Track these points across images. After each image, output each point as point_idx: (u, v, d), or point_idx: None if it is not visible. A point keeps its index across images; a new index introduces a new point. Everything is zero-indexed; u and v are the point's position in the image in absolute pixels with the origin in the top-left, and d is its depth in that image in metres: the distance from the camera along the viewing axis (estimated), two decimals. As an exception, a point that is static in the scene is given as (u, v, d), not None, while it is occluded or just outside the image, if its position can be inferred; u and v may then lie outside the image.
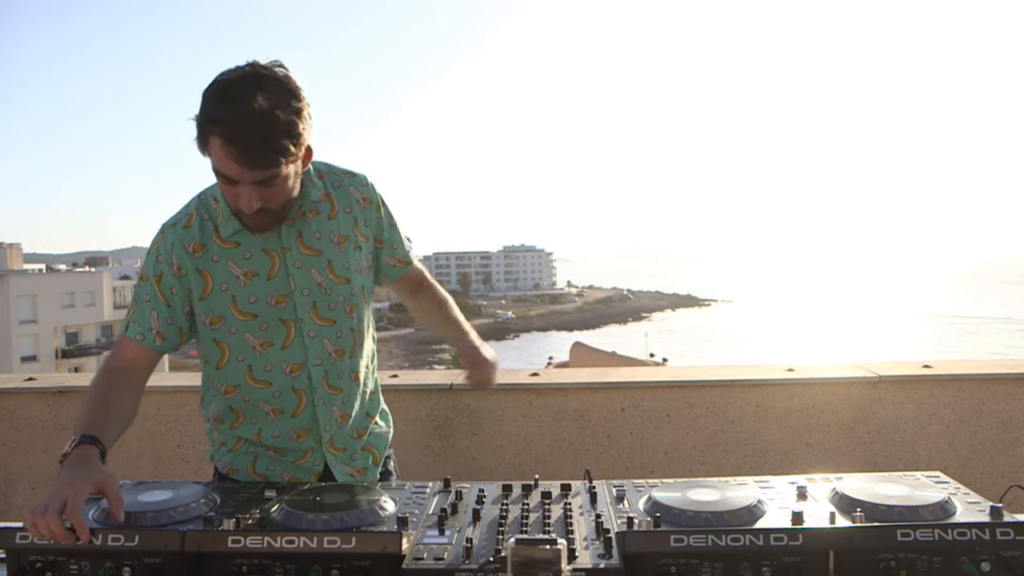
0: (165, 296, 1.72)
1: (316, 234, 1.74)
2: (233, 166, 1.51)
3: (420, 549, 1.26)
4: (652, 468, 3.18)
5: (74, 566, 1.24)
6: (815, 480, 1.52)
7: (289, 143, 1.53)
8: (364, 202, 1.82)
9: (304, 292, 1.74)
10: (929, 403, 3.20)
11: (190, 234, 1.72)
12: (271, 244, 1.72)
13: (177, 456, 3.26)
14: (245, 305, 1.72)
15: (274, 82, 1.53)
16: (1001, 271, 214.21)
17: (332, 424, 1.81)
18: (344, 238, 1.78)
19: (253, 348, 1.75)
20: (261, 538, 1.21)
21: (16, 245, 49.80)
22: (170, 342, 1.73)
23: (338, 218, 1.78)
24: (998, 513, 1.28)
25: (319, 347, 1.77)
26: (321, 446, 1.82)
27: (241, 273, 1.71)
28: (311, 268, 1.73)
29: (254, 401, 1.78)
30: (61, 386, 3.30)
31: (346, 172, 1.83)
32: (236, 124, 1.48)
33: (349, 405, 1.84)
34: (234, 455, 1.86)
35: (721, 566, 1.18)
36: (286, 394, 1.78)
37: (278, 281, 1.72)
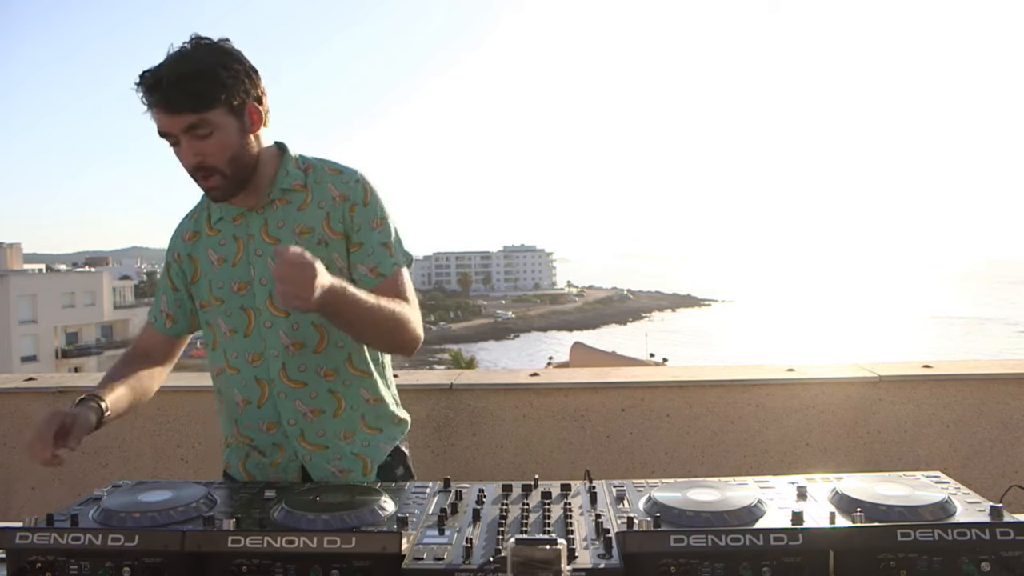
0: (173, 281, 1.85)
1: (280, 223, 1.74)
2: (158, 116, 1.57)
3: (420, 549, 1.26)
4: (652, 468, 3.18)
5: (74, 566, 1.24)
6: (815, 480, 1.52)
7: (207, 86, 1.56)
8: (339, 199, 1.74)
9: (262, 281, 1.73)
10: (929, 403, 3.20)
11: (189, 223, 1.84)
12: (240, 231, 1.76)
13: (177, 456, 3.26)
14: (216, 290, 1.78)
15: (206, 44, 1.60)
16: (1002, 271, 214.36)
17: (299, 418, 1.77)
18: (308, 230, 1.73)
19: (224, 334, 1.79)
20: (261, 538, 1.21)
21: (16, 245, 49.80)
22: (181, 325, 1.86)
23: (307, 210, 1.74)
24: (998, 513, 1.28)
25: (275, 338, 1.75)
26: (291, 440, 1.78)
27: (216, 259, 1.77)
28: (268, 258, 1.72)
29: (230, 388, 1.81)
30: (61, 386, 3.30)
31: (335, 168, 1.79)
32: (155, 71, 1.55)
33: (320, 401, 1.77)
34: (230, 450, 1.89)
35: (721, 566, 1.18)
36: (251, 384, 1.78)
37: (240, 268, 1.75)
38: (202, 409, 3.25)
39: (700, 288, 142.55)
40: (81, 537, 1.24)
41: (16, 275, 41.99)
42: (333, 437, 1.79)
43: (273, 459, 1.81)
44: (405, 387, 3.22)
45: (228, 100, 1.59)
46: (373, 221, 1.75)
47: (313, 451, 1.79)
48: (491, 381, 3.45)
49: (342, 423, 1.80)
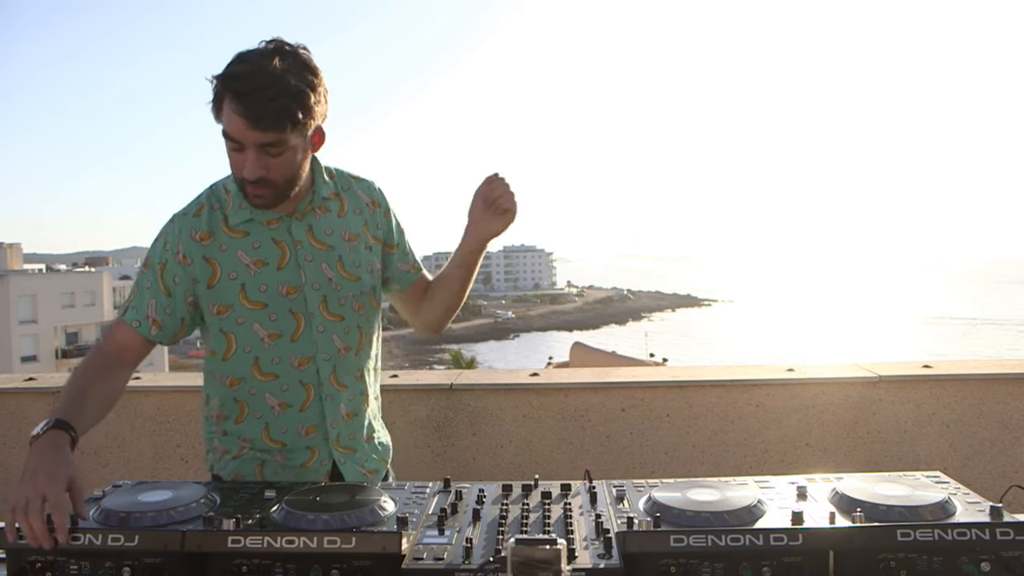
0: (166, 285, 1.71)
1: (327, 230, 1.76)
2: (240, 124, 1.54)
3: (420, 549, 1.26)
4: (652, 468, 3.18)
5: (74, 566, 1.24)
6: (815, 480, 1.52)
7: (298, 109, 1.55)
8: (373, 205, 1.84)
9: (315, 286, 1.74)
10: (929, 403, 3.20)
11: (198, 222, 1.72)
12: (281, 235, 1.73)
13: (177, 456, 3.26)
14: (255, 294, 1.71)
15: (293, 55, 1.59)
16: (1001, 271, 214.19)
17: (339, 421, 1.80)
18: (355, 236, 1.79)
19: (261, 339, 1.73)
20: (261, 538, 1.21)
21: (16, 245, 49.80)
22: (167, 332, 1.73)
23: (348, 217, 1.79)
24: (998, 513, 1.28)
25: (328, 342, 1.76)
26: (328, 443, 1.80)
27: (251, 261, 1.71)
28: (322, 262, 1.74)
29: (260, 394, 1.76)
30: (61, 386, 3.29)
31: (354, 176, 1.86)
32: (247, 80, 1.53)
33: (355, 404, 1.83)
34: (240, 461, 1.80)
35: (721, 566, 1.18)
36: (294, 388, 1.76)
37: (288, 272, 1.72)
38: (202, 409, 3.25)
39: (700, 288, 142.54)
40: (81, 537, 1.24)
41: (16, 275, 41.98)
42: (360, 440, 1.85)
43: (303, 461, 1.79)
44: (405, 387, 3.23)
45: (307, 124, 1.59)
46: (400, 225, 1.91)
47: (346, 454, 1.82)
48: (491, 381, 3.45)
49: (366, 425, 1.87)
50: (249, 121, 1.53)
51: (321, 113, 1.63)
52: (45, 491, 1.29)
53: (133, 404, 3.24)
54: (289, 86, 1.54)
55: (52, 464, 1.39)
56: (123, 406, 3.24)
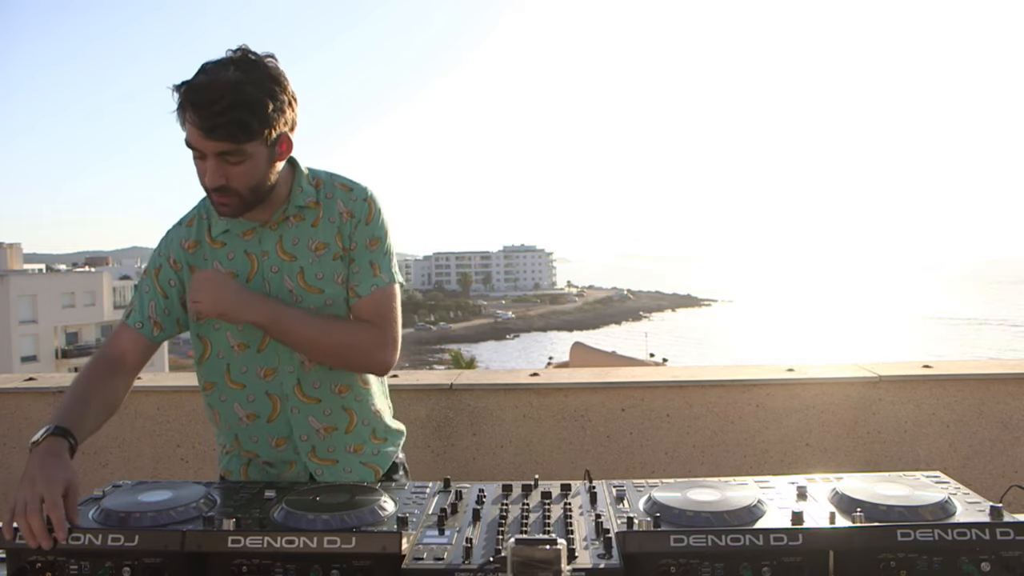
0: (163, 288, 1.77)
1: (295, 240, 1.73)
2: (195, 133, 1.55)
3: (420, 549, 1.26)
4: (652, 468, 3.18)
5: (74, 566, 1.24)
6: (815, 480, 1.52)
7: (252, 119, 1.54)
8: (347, 215, 1.75)
9: (277, 297, 1.72)
10: (929, 403, 3.20)
11: (188, 231, 1.78)
12: (252, 247, 1.73)
13: (177, 456, 3.25)
14: None
15: (254, 64, 1.56)
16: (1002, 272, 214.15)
17: (311, 435, 1.78)
18: (323, 246, 1.74)
19: (232, 348, 1.76)
20: (261, 538, 1.21)
21: (16, 245, 49.81)
22: (167, 332, 1.79)
23: (320, 226, 1.74)
24: (998, 513, 1.28)
25: (289, 355, 1.74)
26: (301, 456, 1.78)
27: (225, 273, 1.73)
28: (285, 275, 1.72)
29: (229, 403, 1.78)
30: (61, 386, 3.30)
31: (345, 184, 1.79)
32: (203, 91, 1.52)
33: (335, 418, 1.79)
34: (230, 457, 1.86)
35: (721, 566, 1.18)
36: (260, 398, 1.77)
37: (255, 284, 1.72)
38: (202, 409, 3.23)
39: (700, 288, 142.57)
40: (81, 537, 1.24)
41: (16, 275, 41.98)
42: (343, 452, 1.81)
43: (282, 471, 1.81)
44: (405, 387, 3.23)
45: (268, 133, 1.57)
46: (370, 241, 1.75)
47: (324, 466, 1.80)
48: (491, 381, 3.45)
49: (353, 438, 1.82)
50: (203, 131, 1.53)
51: (286, 121, 1.61)
52: (43, 492, 1.33)
53: (133, 404, 3.24)
54: (244, 96, 1.52)
55: (50, 468, 1.42)
56: (123, 406, 3.22)
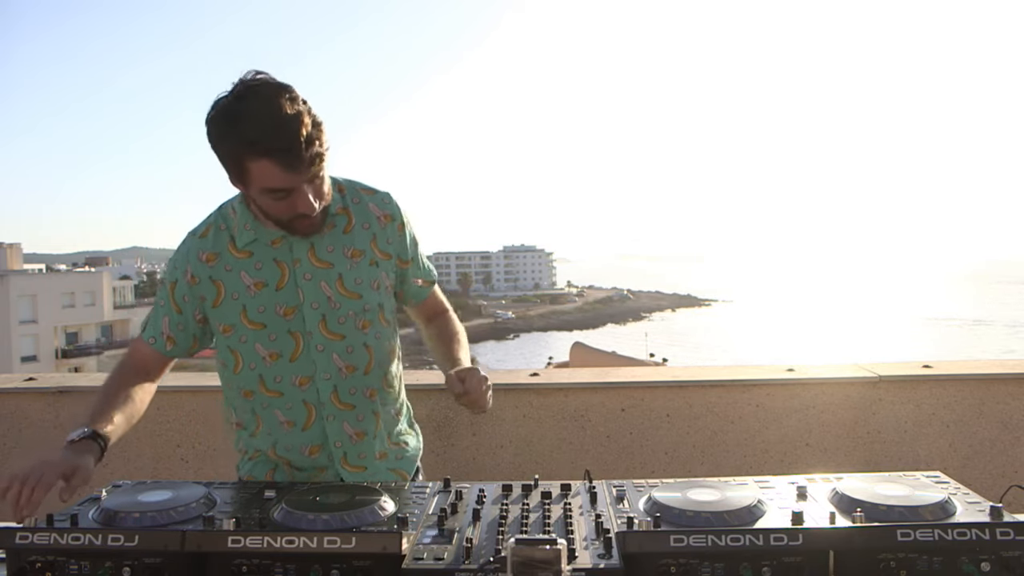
0: (177, 303, 1.76)
1: (329, 247, 1.73)
2: (283, 177, 1.52)
3: (420, 549, 1.26)
4: (652, 468, 3.18)
5: (74, 566, 1.24)
6: (815, 480, 1.52)
7: (322, 132, 1.55)
8: (385, 219, 1.79)
9: (313, 305, 1.72)
10: (929, 403, 3.20)
11: (205, 243, 1.75)
12: (282, 255, 1.72)
13: (177, 456, 3.25)
14: (255, 315, 1.72)
15: (278, 87, 1.54)
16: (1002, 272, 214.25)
17: (344, 441, 1.79)
18: (359, 252, 1.75)
19: (263, 358, 1.74)
20: (261, 538, 1.21)
21: (16, 245, 49.79)
22: (181, 347, 1.79)
23: (354, 232, 1.75)
24: (998, 513, 1.28)
25: (327, 361, 1.74)
26: (335, 464, 1.79)
27: (252, 283, 1.72)
28: (321, 281, 1.72)
29: (271, 409, 1.78)
30: (61, 386, 3.30)
31: (367, 189, 1.81)
32: (278, 134, 1.48)
33: (366, 424, 1.81)
34: (254, 463, 1.85)
35: (721, 566, 1.18)
36: (297, 406, 1.76)
37: (287, 292, 1.72)
38: (202, 409, 3.25)
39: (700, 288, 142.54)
40: (81, 537, 1.24)
41: (16, 275, 41.97)
42: (371, 458, 1.83)
43: (312, 476, 1.81)
44: (405, 387, 3.23)
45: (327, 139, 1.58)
46: (415, 238, 1.87)
47: (354, 472, 1.80)
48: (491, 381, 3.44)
49: (379, 442, 1.84)
50: (294, 170, 1.52)
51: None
52: (43, 470, 1.41)
53: (133, 404, 3.24)
54: (309, 119, 1.52)
55: (63, 455, 1.49)
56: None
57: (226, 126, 1.52)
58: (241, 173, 1.55)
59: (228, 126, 1.52)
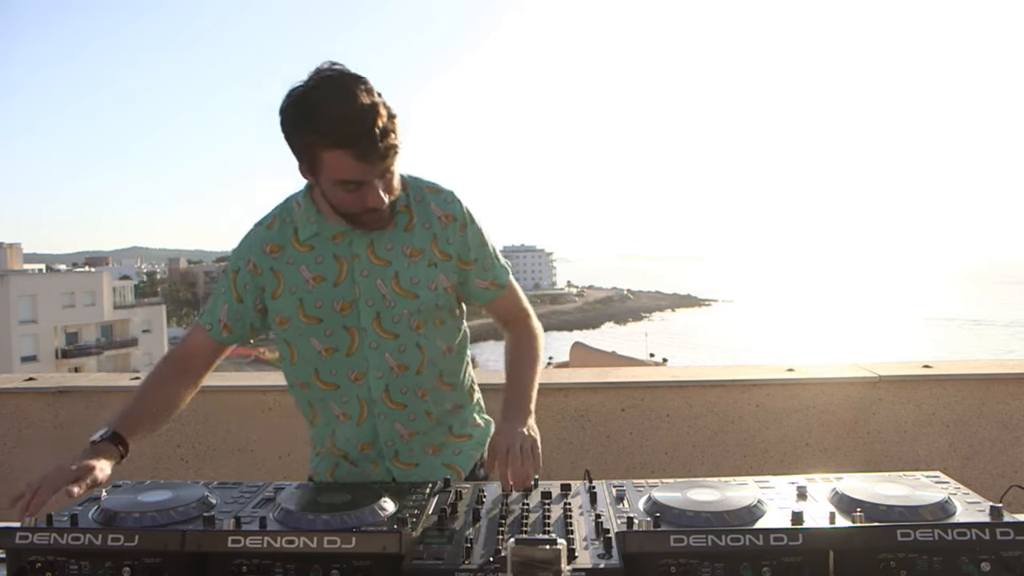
0: (238, 291, 1.77)
1: (388, 245, 1.71)
2: (359, 168, 1.52)
3: (420, 549, 1.26)
4: (652, 468, 3.18)
5: (74, 566, 1.24)
6: (815, 480, 1.52)
7: (395, 125, 1.54)
8: (446, 219, 1.74)
9: (368, 302, 1.71)
10: (929, 403, 3.20)
11: (270, 234, 1.75)
12: (342, 250, 1.71)
13: (177, 456, 3.26)
14: (311, 309, 1.72)
15: (354, 78, 1.53)
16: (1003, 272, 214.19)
17: (395, 440, 1.78)
18: (418, 251, 1.72)
19: (318, 353, 1.74)
20: (261, 538, 1.21)
21: (16, 245, 49.81)
22: (236, 335, 1.80)
23: (414, 231, 1.73)
24: (998, 513, 1.28)
25: (380, 359, 1.73)
26: (385, 460, 1.79)
27: (311, 277, 1.71)
28: (377, 278, 1.70)
29: (327, 401, 1.79)
30: (61, 386, 3.30)
31: (431, 187, 1.77)
32: (353, 125, 1.48)
33: (418, 423, 1.79)
34: (320, 459, 1.87)
35: (721, 566, 1.18)
36: (352, 401, 1.77)
37: (344, 288, 1.71)
38: (202, 409, 3.25)
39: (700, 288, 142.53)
40: (81, 537, 1.24)
41: (16, 275, 41.97)
42: (422, 455, 1.82)
43: (365, 469, 1.81)
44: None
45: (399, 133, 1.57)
46: (481, 238, 1.80)
47: (406, 470, 1.80)
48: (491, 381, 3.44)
49: (432, 439, 1.83)
50: (369, 162, 1.51)
51: None
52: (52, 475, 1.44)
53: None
54: (383, 111, 1.51)
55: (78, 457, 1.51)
56: (123, 406, 3.24)
57: (300, 116, 1.52)
58: (313, 164, 1.55)
59: (302, 116, 1.52)
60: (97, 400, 3.27)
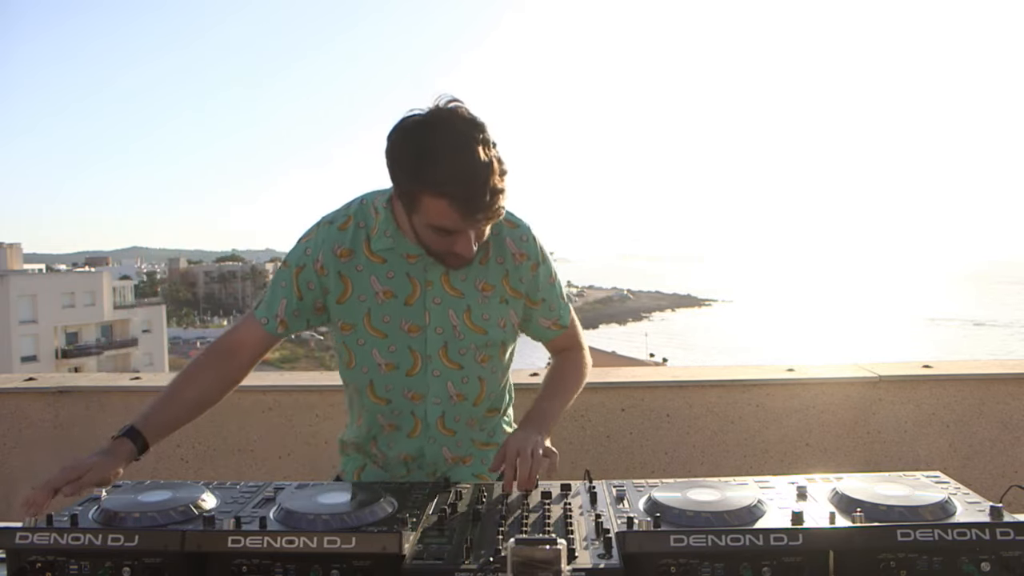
0: (300, 288, 1.71)
1: (462, 277, 1.69)
2: (457, 221, 1.49)
3: (420, 549, 1.26)
4: (652, 468, 3.18)
5: (74, 566, 1.24)
6: (815, 480, 1.52)
7: (503, 180, 1.49)
8: (519, 256, 1.72)
9: (437, 330, 1.70)
10: (929, 403, 3.20)
11: (343, 237, 1.70)
12: (416, 272, 1.68)
13: (177, 456, 3.26)
14: (379, 322, 1.70)
15: (473, 126, 1.48)
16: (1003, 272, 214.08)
17: (439, 462, 1.79)
18: (490, 287, 1.71)
19: (379, 365, 1.72)
20: (261, 538, 1.21)
21: (16, 245, 49.78)
22: (291, 331, 1.76)
23: (488, 266, 1.70)
24: (998, 513, 1.28)
25: (442, 387, 1.73)
26: (422, 472, 1.79)
27: (381, 290, 1.69)
28: (450, 309, 1.69)
29: (374, 413, 1.78)
30: (61, 386, 3.30)
31: (509, 220, 1.72)
32: (464, 182, 1.44)
33: (464, 449, 1.80)
34: (347, 459, 1.88)
35: (721, 566, 1.18)
36: (405, 416, 1.76)
37: (415, 310, 1.69)
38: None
39: (700, 288, 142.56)
40: (81, 537, 1.24)
41: (16, 275, 41.96)
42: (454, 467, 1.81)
43: (395, 474, 1.81)
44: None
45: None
46: (551, 278, 1.79)
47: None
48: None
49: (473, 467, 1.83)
50: (470, 218, 1.48)
51: None
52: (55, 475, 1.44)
53: (133, 404, 3.24)
54: (495, 171, 1.46)
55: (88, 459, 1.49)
56: (123, 406, 3.25)
57: (413, 156, 1.47)
58: (412, 203, 1.51)
59: (415, 156, 1.47)
60: (97, 400, 3.27)
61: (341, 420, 2.12)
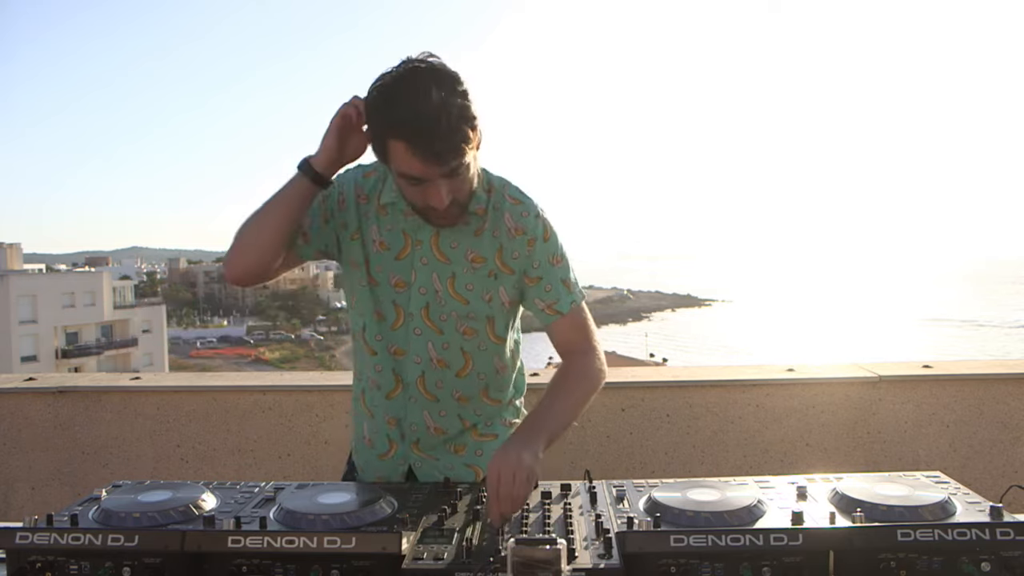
0: (329, 209, 1.74)
1: (453, 243, 1.69)
2: (419, 165, 1.49)
3: (420, 549, 1.26)
4: (652, 468, 3.18)
5: (74, 566, 1.24)
6: (815, 480, 1.52)
7: (467, 128, 1.50)
8: (515, 231, 1.69)
9: (421, 290, 1.71)
10: (929, 403, 3.20)
11: (365, 183, 1.75)
12: (410, 228, 1.70)
13: (177, 456, 3.26)
14: (374, 271, 1.73)
15: (438, 71, 1.50)
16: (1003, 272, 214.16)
17: (420, 428, 1.77)
18: (481, 260, 1.69)
19: (372, 312, 1.75)
20: (261, 538, 1.21)
21: (16, 245, 49.77)
22: (313, 247, 1.74)
23: (482, 237, 1.69)
24: (998, 513, 1.28)
25: (422, 347, 1.73)
26: (406, 444, 1.78)
27: (378, 240, 1.72)
28: (434, 272, 1.70)
29: (363, 364, 1.81)
30: (61, 386, 3.30)
31: (515, 197, 1.71)
32: (417, 122, 1.46)
33: (448, 422, 1.77)
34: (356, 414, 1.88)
35: (721, 566, 1.18)
36: (386, 372, 1.76)
37: (403, 266, 1.71)
38: (202, 409, 3.25)
39: (700, 288, 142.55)
40: (81, 537, 1.24)
41: (16, 275, 41.94)
42: (444, 451, 1.80)
43: (381, 452, 1.81)
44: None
45: (475, 135, 1.53)
46: (553, 258, 1.72)
47: (424, 459, 1.79)
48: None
49: (456, 439, 1.81)
50: (430, 161, 1.48)
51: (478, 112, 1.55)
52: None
53: (133, 404, 3.24)
54: (456, 110, 1.47)
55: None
56: (123, 406, 3.24)
57: (379, 104, 1.52)
58: (382, 151, 1.55)
59: (379, 102, 1.52)
60: (97, 400, 3.27)
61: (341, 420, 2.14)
